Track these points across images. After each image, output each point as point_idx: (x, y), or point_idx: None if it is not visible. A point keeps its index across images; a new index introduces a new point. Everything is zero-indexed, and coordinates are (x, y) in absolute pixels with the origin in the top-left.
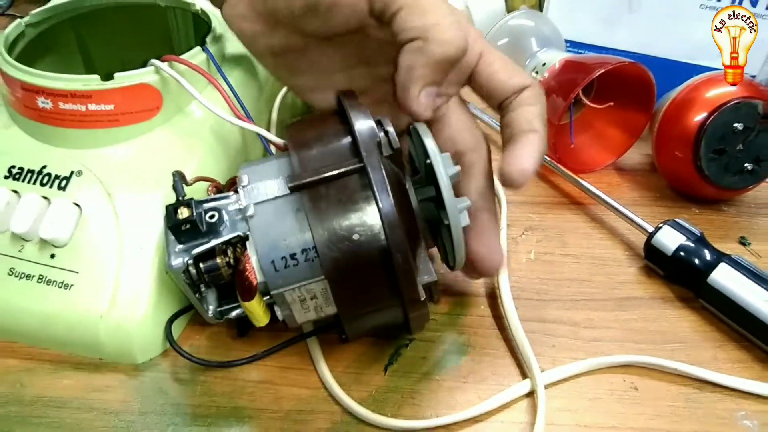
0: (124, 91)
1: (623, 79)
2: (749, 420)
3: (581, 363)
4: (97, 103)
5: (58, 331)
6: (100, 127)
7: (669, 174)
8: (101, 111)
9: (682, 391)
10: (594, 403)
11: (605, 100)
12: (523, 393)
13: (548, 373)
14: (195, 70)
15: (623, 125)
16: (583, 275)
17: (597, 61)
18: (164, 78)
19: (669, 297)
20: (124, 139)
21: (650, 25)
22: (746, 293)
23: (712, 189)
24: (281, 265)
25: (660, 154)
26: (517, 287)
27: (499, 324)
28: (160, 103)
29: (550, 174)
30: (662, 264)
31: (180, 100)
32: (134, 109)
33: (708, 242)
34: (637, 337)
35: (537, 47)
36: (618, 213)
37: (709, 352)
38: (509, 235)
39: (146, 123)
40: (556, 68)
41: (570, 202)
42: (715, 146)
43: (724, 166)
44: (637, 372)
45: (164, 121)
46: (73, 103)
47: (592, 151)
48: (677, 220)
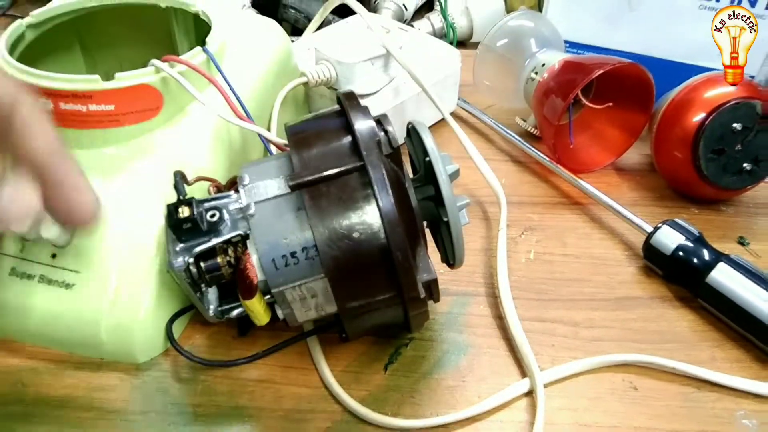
0: (125, 91)
1: (622, 80)
2: (748, 419)
3: (580, 362)
4: (98, 103)
5: (59, 331)
6: (100, 127)
7: (668, 174)
8: (102, 111)
9: (681, 390)
10: (593, 403)
11: (604, 100)
12: (523, 392)
13: (548, 372)
14: (195, 71)
15: (622, 125)
16: (583, 275)
17: (596, 62)
18: (165, 78)
19: (668, 297)
20: (125, 139)
21: (649, 25)
22: (745, 292)
23: (711, 189)
24: (282, 264)
25: (659, 154)
26: (516, 287)
27: (499, 323)
28: (160, 103)
29: (549, 174)
30: (661, 264)
31: (181, 100)
32: (135, 109)
33: (707, 242)
34: (637, 337)
35: (536, 48)
36: (617, 213)
37: (708, 352)
38: (509, 236)
39: (147, 123)
40: (555, 69)
41: (569, 203)
42: (714, 146)
43: (723, 166)
44: (637, 371)
45: (165, 122)
46: (74, 104)
47: (591, 151)
48: (676, 220)
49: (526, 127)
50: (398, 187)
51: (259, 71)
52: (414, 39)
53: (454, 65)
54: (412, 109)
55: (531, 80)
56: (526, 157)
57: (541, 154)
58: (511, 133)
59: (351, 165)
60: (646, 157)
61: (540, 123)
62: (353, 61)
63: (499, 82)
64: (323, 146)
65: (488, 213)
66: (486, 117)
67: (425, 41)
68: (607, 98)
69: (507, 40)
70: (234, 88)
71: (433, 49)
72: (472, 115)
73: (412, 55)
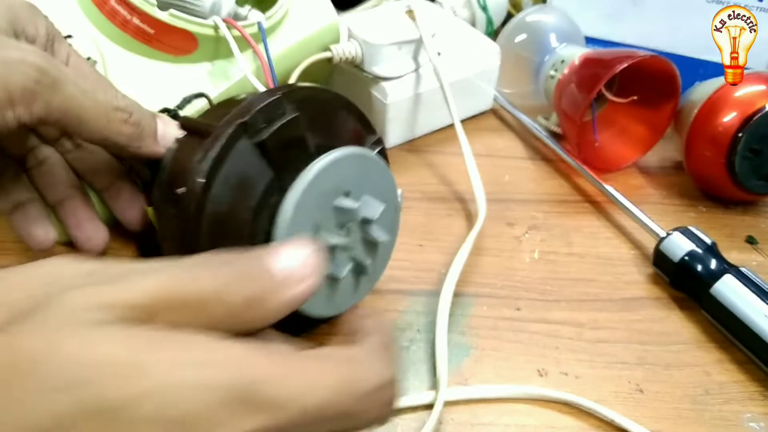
0: (168, 27)
1: (644, 74)
2: (756, 422)
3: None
4: (142, 21)
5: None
6: (133, 36)
7: (696, 172)
8: (141, 28)
9: (687, 393)
10: (598, 405)
11: (627, 96)
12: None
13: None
14: (246, 40)
15: (646, 121)
16: (588, 275)
17: (618, 55)
18: (208, 34)
19: (675, 297)
20: (155, 58)
21: (655, 19)
22: (747, 307)
23: (737, 190)
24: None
25: (690, 150)
26: (520, 287)
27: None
28: (193, 48)
29: (556, 171)
30: (668, 271)
31: (215, 53)
32: (169, 43)
33: (718, 253)
34: (642, 338)
35: (556, 43)
36: (629, 213)
37: (715, 354)
38: (512, 234)
39: (175, 57)
40: (575, 64)
41: (574, 201)
42: (754, 144)
43: (754, 167)
44: (643, 373)
45: (193, 62)
46: (123, 8)
47: (615, 148)
48: (689, 227)
49: (549, 126)
50: (243, 164)
51: (301, 45)
52: (453, 29)
53: (492, 60)
54: (436, 101)
55: (551, 78)
56: (554, 156)
57: (565, 154)
58: (542, 132)
59: (213, 125)
60: (655, 153)
61: (563, 121)
62: (380, 43)
63: (517, 79)
64: (220, 113)
65: (490, 211)
66: (521, 115)
67: (464, 32)
68: (629, 94)
69: (525, 36)
70: (272, 62)
71: (470, 42)
72: (507, 112)
73: (446, 46)
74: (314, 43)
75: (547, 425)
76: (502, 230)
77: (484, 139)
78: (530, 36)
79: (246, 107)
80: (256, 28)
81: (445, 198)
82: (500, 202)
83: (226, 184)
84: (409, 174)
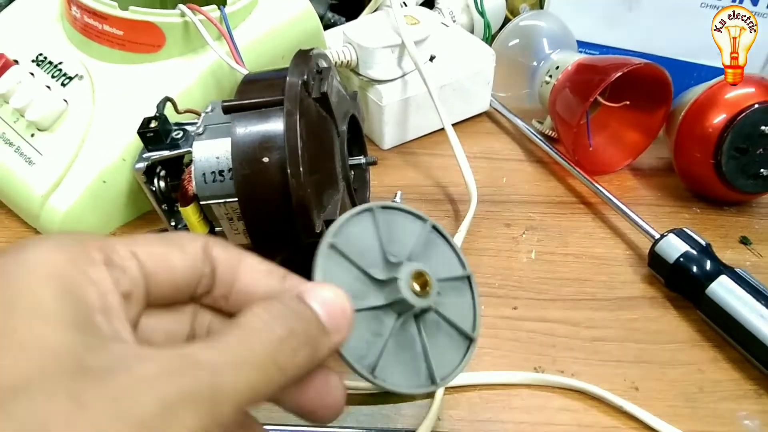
0: (132, 23)
1: (638, 80)
2: (750, 420)
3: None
4: (110, 25)
5: (11, 191)
6: (109, 45)
7: (685, 173)
8: (112, 33)
9: (682, 391)
10: (595, 403)
11: (620, 100)
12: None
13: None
14: (211, 23)
15: (638, 125)
16: (584, 275)
17: (612, 63)
18: (171, 22)
19: (670, 296)
20: (130, 62)
21: (651, 23)
22: (743, 308)
23: (725, 190)
24: (210, 179)
25: (679, 151)
26: (517, 287)
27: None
28: (162, 42)
29: (551, 173)
30: (663, 272)
31: (184, 44)
32: (139, 41)
33: (713, 254)
34: (638, 337)
35: (549, 49)
36: (623, 215)
37: (710, 352)
38: (510, 235)
39: (148, 55)
40: (569, 71)
41: (570, 202)
42: (739, 144)
43: (741, 166)
44: (638, 371)
45: (166, 58)
46: (93, 20)
47: (608, 152)
48: (684, 229)
49: (543, 130)
50: (317, 123)
51: (275, 31)
52: (450, 34)
53: (487, 63)
54: (431, 103)
55: (546, 83)
56: (549, 158)
57: (560, 157)
58: (537, 136)
59: (274, 97)
60: (650, 155)
61: (558, 125)
62: (372, 46)
63: (512, 83)
64: (263, 86)
65: (488, 212)
66: (516, 119)
67: (461, 37)
68: (622, 98)
69: (518, 41)
70: (238, 45)
71: (466, 46)
72: (502, 115)
73: (443, 50)
74: (292, 29)
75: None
76: (499, 231)
77: (480, 142)
78: (524, 41)
79: (298, 70)
80: (218, 15)
81: (440, 200)
82: (498, 203)
83: (307, 138)
84: (405, 176)
